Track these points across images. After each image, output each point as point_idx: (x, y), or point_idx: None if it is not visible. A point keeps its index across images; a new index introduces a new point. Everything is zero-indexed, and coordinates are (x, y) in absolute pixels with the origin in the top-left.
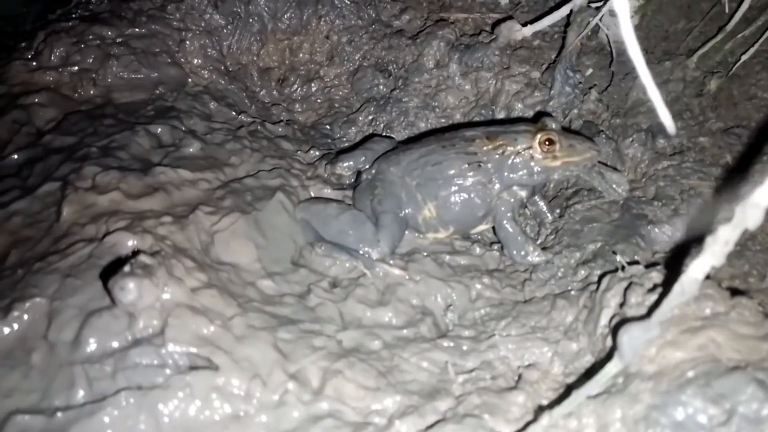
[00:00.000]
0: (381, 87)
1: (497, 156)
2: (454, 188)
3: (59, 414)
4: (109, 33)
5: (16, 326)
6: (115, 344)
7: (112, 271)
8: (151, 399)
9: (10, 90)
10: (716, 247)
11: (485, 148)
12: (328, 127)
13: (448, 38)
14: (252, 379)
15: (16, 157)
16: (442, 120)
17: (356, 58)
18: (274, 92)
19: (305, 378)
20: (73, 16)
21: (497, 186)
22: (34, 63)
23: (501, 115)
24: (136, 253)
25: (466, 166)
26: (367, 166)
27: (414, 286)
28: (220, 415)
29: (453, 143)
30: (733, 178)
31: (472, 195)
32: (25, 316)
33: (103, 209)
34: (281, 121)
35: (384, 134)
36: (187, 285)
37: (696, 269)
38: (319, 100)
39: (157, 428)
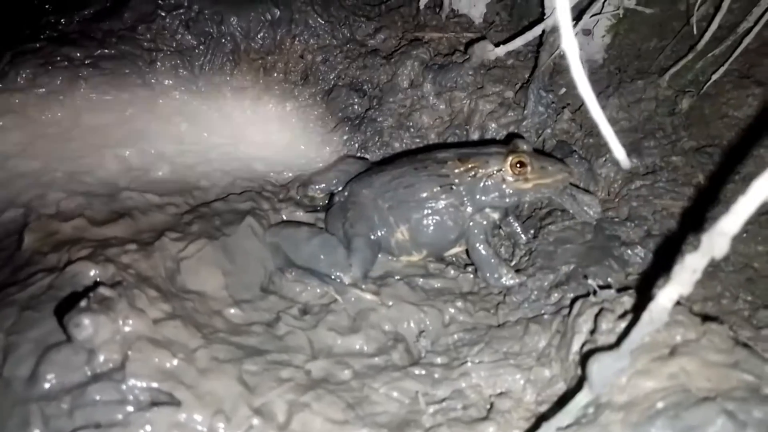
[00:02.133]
0: (356, 107)
1: (469, 178)
2: (426, 211)
3: None
4: (78, 54)
5: None
6: (74, 380)
7: (69, 304)
8: None
9: None
10: (684, 275)
11: (457, 170)
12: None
13: (423, 58)
14: (215, 415)
15: None
16: (417, 140)
17: (331, 77)
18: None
19: (271, 412)
20: (41, 36)
21: (469, 208)
22: (0, 85)
23: (475, 135)
24: (96, 284)
25: (438, 188)
26: (340, 188)
27: (386, 311)
28: None
29: (425, 165)
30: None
31: (445, 218)
32: None
33: (66, 237)
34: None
35: (359, 154)
36: (150, 316)
37: (664, 298)
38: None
39: None
